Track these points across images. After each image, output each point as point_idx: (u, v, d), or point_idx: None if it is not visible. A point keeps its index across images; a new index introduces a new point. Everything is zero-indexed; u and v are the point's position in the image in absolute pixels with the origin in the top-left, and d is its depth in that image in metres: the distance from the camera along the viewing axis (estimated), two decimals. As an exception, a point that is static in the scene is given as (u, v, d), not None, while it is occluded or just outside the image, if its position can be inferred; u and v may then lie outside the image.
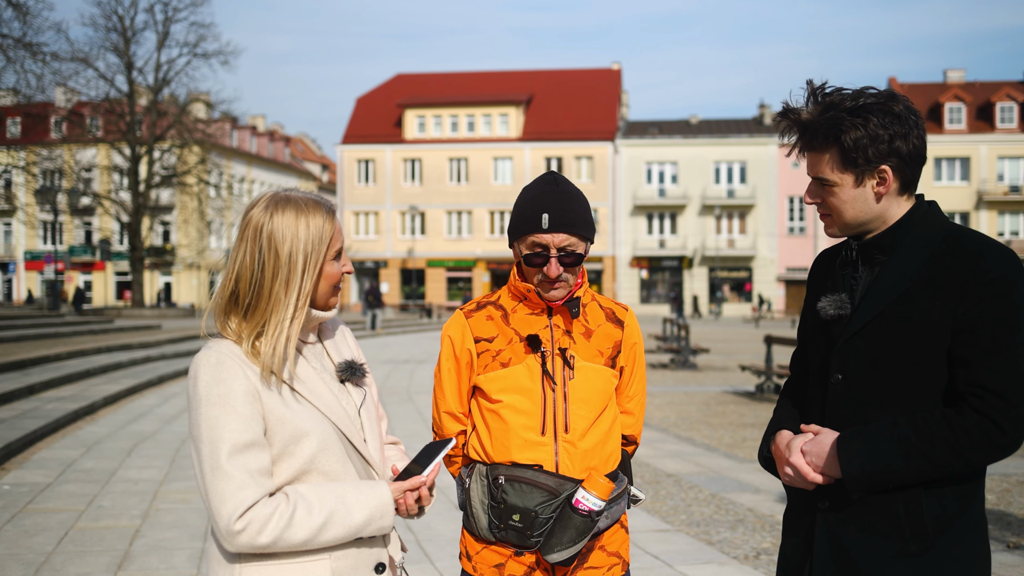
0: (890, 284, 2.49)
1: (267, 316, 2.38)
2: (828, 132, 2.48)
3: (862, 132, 2.44)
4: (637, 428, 3.16)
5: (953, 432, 2.35)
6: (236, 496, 2.24)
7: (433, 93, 73.86)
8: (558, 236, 2.86)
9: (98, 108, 53.38)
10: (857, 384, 2.51)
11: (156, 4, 51.64)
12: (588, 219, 2.93)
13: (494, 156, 70.39)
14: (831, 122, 2.47)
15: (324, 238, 2.42)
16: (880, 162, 2.46)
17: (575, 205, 2.91)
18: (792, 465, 2.54)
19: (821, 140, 2.51)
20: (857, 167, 2.48)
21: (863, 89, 2.52)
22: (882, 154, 2.45)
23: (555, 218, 2.86)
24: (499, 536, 2.89)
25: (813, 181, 2.58)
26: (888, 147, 2.45)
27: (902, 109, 2.47)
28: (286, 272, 2.37)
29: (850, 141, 2.45)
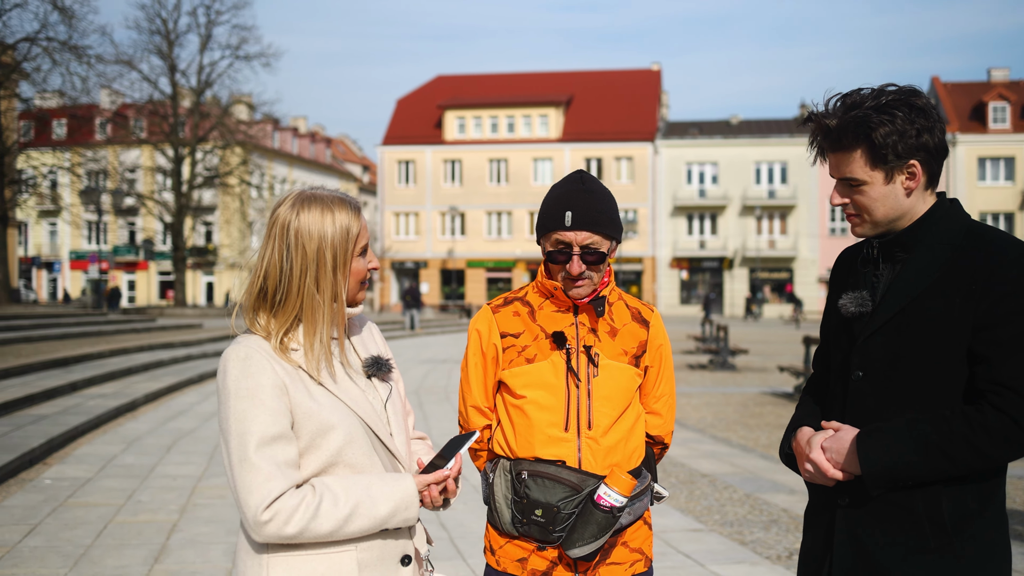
0: (911, 281, 2.49)
1: (297, 312, 2.43)
2: (857, 130, 2.47)
3: (890, 127, 2.43)
4: (666, 429, 3.16)
5: (973, 430, 2.34)
6: (263, 487, 2.29)
7: (473, 94, 74.00)
8: (581, 234, 2.87)
9: (142, 110, 54.04)
10: (878, 381, 2.51)
11: (199, 7, 52.45)
12: (613, 218, 2.94)
13: (534, 157, 70.39)
14: (858, 120, 2.46)
15: (351, 235, 2.46)
16: (909, 157, 2.46)
17: (599, 204, 2.92)
18: (812, 461, 2.55)
19: (850, 139, 2.49)
20: (887, 164, 2.47)
21: (883, 87, 2.52)
22: (911, 148, 2.45)
23: (578, 216, 2.87)
24: (522, 531, 2.91)
25: (840, 182, 2.58)
26: (916, 141, 2.45)
27: (925, 103, 2.47)
28: (315, 269, 2.41)
29: (880, 137, 2.44)
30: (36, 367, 16.79)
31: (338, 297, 2.48)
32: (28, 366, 16.55)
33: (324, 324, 2.45)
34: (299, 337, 2.44)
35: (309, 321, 2.43)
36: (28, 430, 11.35)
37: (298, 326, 2.45)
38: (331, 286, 2.44)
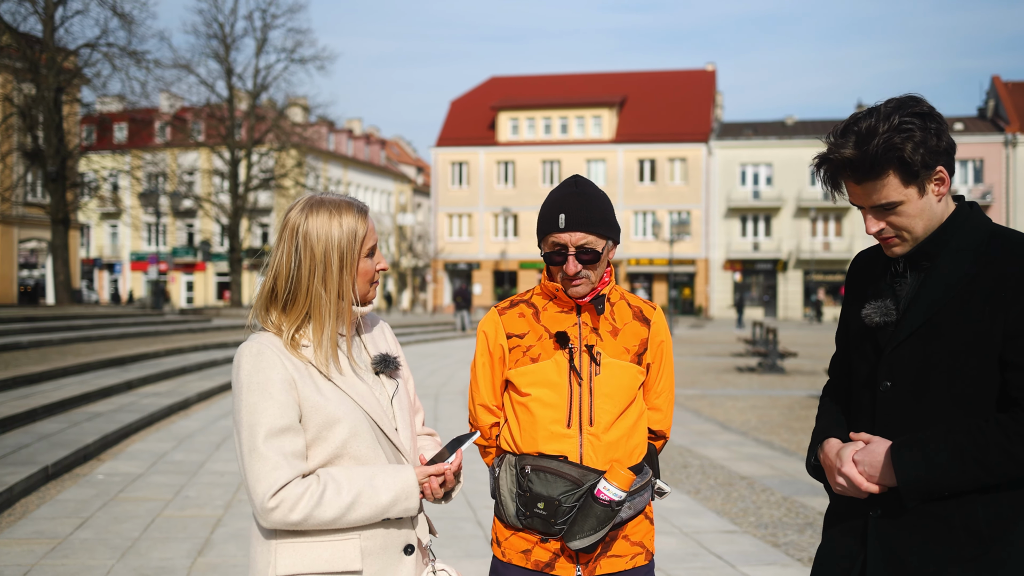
0: (937, 290, 2.49)
1: (307, 310, 2.59)
2: (887, 155, 2.44)
3: (916, 141, 2.43)
4: (666, 423, 3.30)
5: (1009, 438, 2.35)
6: (270, 476, 2.45)
7: (526, 95, 74.20)
8: (575, 235, 3.00)
9: (199, 113, 54.88)
10: (907, 392, 2.52)
11: (255, 11, 53.23)
12: (606, 219, 3.07)
13: (587, 158, 70.41)
14: (884, 146, 2.44)
15: (358, 237, 2.62)
16: (936, 164, 2.46)
17: (592, 205, 3.06)
18: (845, 475, 2.55)
19: (881, 165, 2.46)
20: (918, 178, 2.46)
21: (877, 107, 2.51)
22: (935, 155, 2.45)
23: (571, 217, 3.01)
24: (525, 523, 3.05)
25: (873, 210, 2.55)
26: (937, 146, 2.45)
27: (929, 107, 2.48)
28: (322, 269, 2.57)
29: (909, 154, 2.43)
30: (94, 366, 17.23)
31: (345, 296, 2.63)
32: (86, 365, 16.98)
33: (332, 322, 2.61)
34: (309, 334, 2.60)
35: (318, 319, 2.58)
36: (84, 427, 11.69)
37: (308, 323, 2.60)
38: (338, 286, 2.59)
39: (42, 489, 9.03)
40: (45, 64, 36.96)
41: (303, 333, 2.60)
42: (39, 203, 44.56)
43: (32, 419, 11.94)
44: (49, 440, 10.68)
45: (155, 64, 39.62)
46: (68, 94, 38.88)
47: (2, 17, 35.85)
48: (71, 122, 41.10)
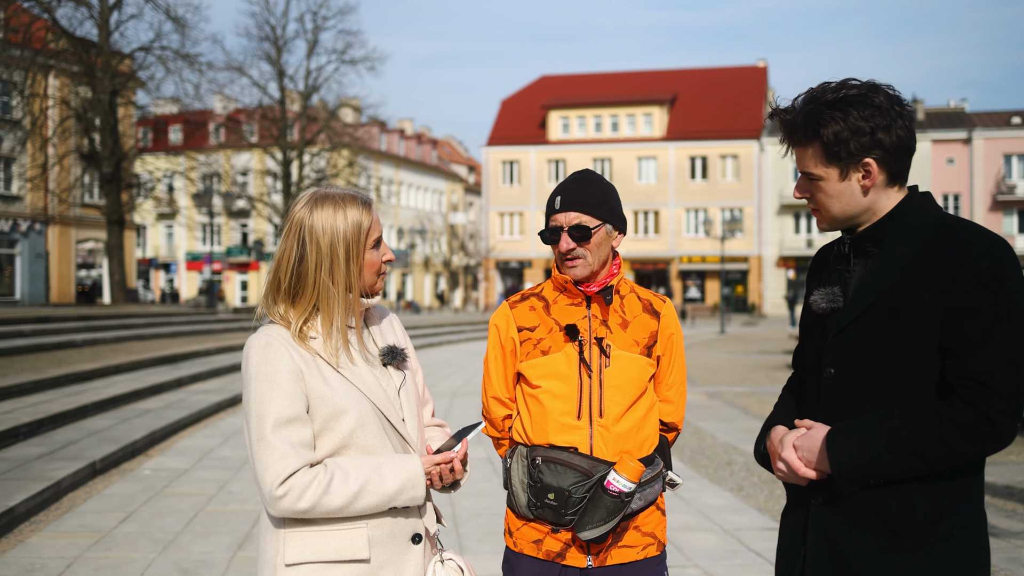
0: (881, 276, 2.45)
1: (315, 302, 2.61)
2: (807, 126, 2.47)
3: (842, 125, 2.42)
4: (678, 416, 3.29)
5: (943, 425, 2.29)
6: (278, 465, 2.47)
7: (577, 94, 74.09)
8: (570, 215, 3.08)
9: (252, 115, 55.46)
10: (849, 377, 2.48)
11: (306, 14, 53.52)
12: (603, 201, 3.11)
13: (638, 156, 70.17)
14: (810, 116, 2.46)
15: (362, 229, 2.64)
16: (863, 155, 2.44)
17: (589, 188, 3.12)
18: (784, 460, 2.52)
19: (801, 135, 2.50)
20: (840, 160, 2.46)
21: (845, 80, 2.50)
22: (865, 147, 2.42)
23: (566, 199, 3.09)
24: (536, 514, 3.06)
25: (801, 176, 2.57)
26: (871, 139, 2.42)
27: (883, 100, 2.43)
28: (328, 262, 2.60)
29: (830, 135, 2.43)
30: (146, 363, 17.50)
31: (352, 288, 2.65)
32: (138, 363, 17.25)
33: (339, 313, 2.63)
34: (317, 326, 2.63)
35: (325, 311, 2.61)
36: (133, 423, 11.88)
37: (316, 315, 2.63)
38: (344, 278, 2.61)
39: (89, 484, 9.18)
40: (100, 68, 37.58)
41: (311, 325, 2.63)
42: (95, 204, 45.35)
43: (83, 415, 12.16)
44: (98, 436, 10.87)
45: (208, 66, 40.18)
46: (123, 97, 39.52)
47: (58, 22, 36.52)
48: (126, 124, 41.78)
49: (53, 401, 12.45)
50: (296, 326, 2.61)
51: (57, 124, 39.71)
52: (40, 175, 40.40)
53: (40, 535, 7.30)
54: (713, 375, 21.93)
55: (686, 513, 8.09)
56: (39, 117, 37.48)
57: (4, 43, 36.48)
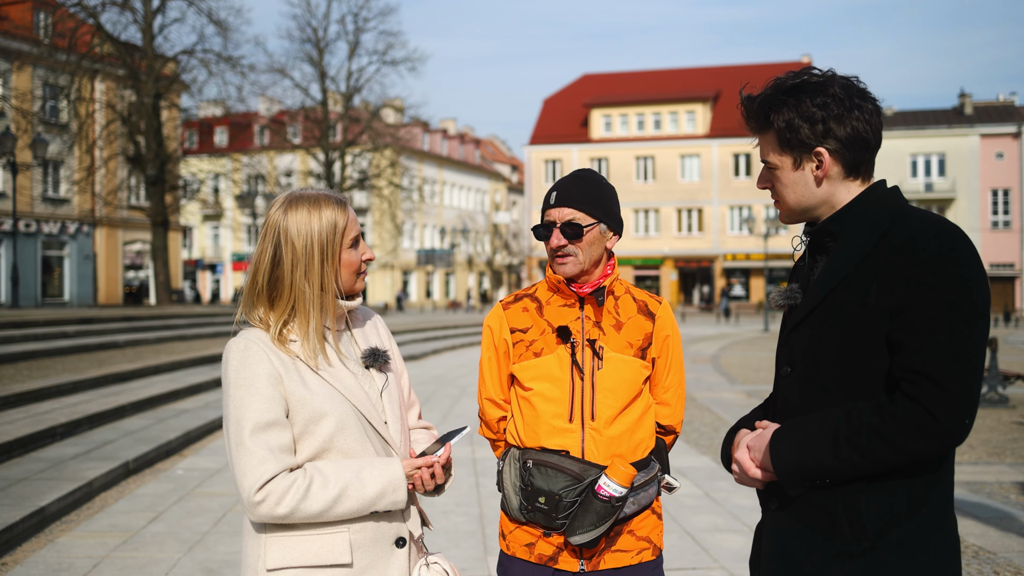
0: (833, 271, 2.36)
1: (292, 305, 2.60)
2: (759, 112, 2.43)
3: (793, 114, 2.36)
4: (676, 418, 3.24)
5: (884, 421, 2.17)
6: (256, 470, 2.46)
7: (619, 92, 73.84)
8: (564, 211, 3.04)
9: (295, 116, 55.88)
10: (803, 376, 2.39)
11: (347, 15, 53.78)
12: (598, 200, 3.06)
13: (681, 153, 69.83)
14: (764, 102, 2.42)
15: (337, 229, 2.62)
16: (815, 144, 2.37)
17: (586, 185, 3.08)
18: (736, 460, 2.45)
19: (755, 121, 2.46)
20: (792, 149, 2.40)
21: (807, 69, 2.45)
22: (817, 136, 2.36)
23: (560, 195, 3.06)
24: (528, 517, 3.02)
25: (764, 165, 2.52)
26: (823, 128, 2.35)
27: (838, 90, 2.36)
28: (304, 264, 2.57)
29: (781, 122, 2.38)
30: (185, 364, 17.65)
31: (328, 288, 2.63)
32: (178, 363, 17.41)
33: (317, 315, 2.62)
34: (296, 328, 2.61)
35: (303, 313, 2.59)
36: (169, 423, 11.98)
37: (295, 318, 2.61)
38: (320, 278, 2.59)
39: (122, 484, 9.27)
40: (144, 71, 38.03)
41: (290, 328, 2.61)
42: (141, 206, 45.90)
43: (120, 416, 12.29)
44: (134, 436, 10.97)
45: (249, 69, 40.53)
46: (166, 100, 39.96)
47: (103, 26, 37.00)
48: (170, 127, 42.24)
49: (91, 402, 12.60)
50: (276, 329, 2.60)
51: (103, 127, 40.24)
52: (86, 178, 40.97)
53: (70, 535, 7.37)
54: (754, 373, 21.75)
55: (715, 514, 8.01)
56: (85, 121, 38.01)
57: (51, 48, 37.04)
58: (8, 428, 10.23)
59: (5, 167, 31.16)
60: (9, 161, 29.74)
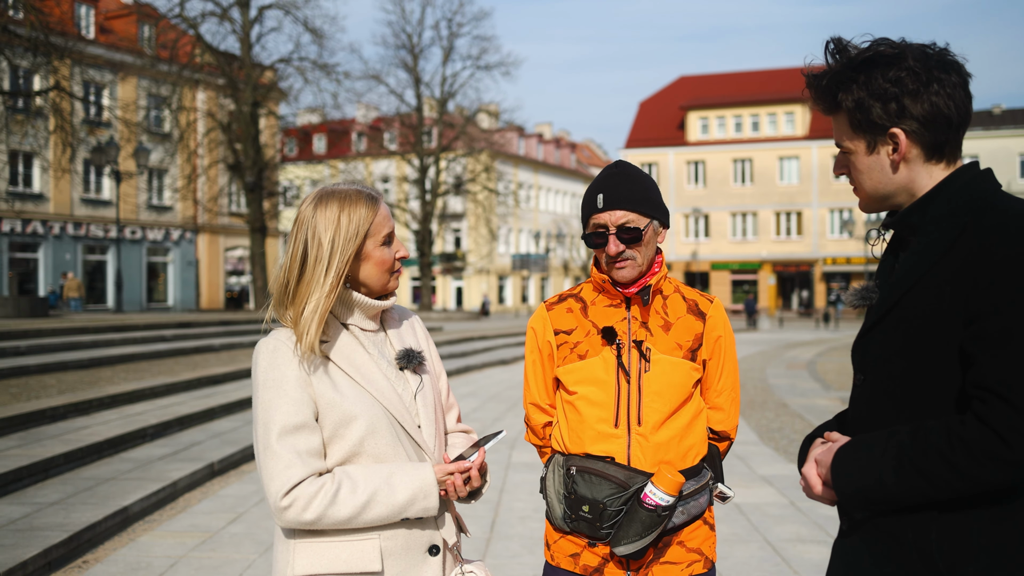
0: (909, 270, 2.11)
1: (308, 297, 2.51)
2: (827, 93, 2.20)
3: (863, 92, 2.12)
4: (729, 424, 3.08)
5: (951, 444, 1.92)
6: (283, 474, 2.39)
7: (716, 93, 73.02)
8: (615, 213, 2.87)
9: (391, 122, 56.51)
10: (875, 385, 2.17)
11: (441, 21, 54.05)
12: (647, 197, 2.91)
13: (779, 156, 68.75)
14: (831, 81, 2.18)
15: (369, 226, 2.54)
16: (889, 125, 2.12)
17: (632, 184, 2.91)
18: (803, 475, 2.23)
19: (824, 103, 2.23)
20: (865, 132, 2.15)
21: (880, 40, 2.18)
22: (890, 115, 2.10)
23: (609, 196, 2.88)
24: (572, 526, 2.90)
25: (840, 150, 2.27)
26: (897, 107, 2.09)
27: (913, 62, 2.09)
28: (327, 259, 2.49)
29: (850, 102, 2.15)
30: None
31: (360, 288, 2.57)
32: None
33: (348, 315, 2.55)
34: (327, 329, 2.53)
35: (317, 302, 2.49)
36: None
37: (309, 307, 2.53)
38: (338, 270, 2.50)
39: (206, 484, 9.39)
40: (242, 80, 38.82)
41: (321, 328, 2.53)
42: (240, 213, 46.87)
43: (210, 417, 12.48)
44: (221, 438, 11.12)
45: (344, 75, 41.09)
46: (264, 108, 40.73)
47: (203, 37, 37.88)
48: (268, 135, 43.04)
49: (183, 404, 12.81)
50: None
51: (203, 135, 41.20)
52: (187, 185, 41.98)
53: (151, 534, 7.47)
54: (851, 379, 21.16)
55: (800, 524, 7.76)
56: (186, 129, 38.97)
57: (153, 59, 38.03)
58: (100, 429, 10.45)
59: (110, 175, 32.08)
60: (113, 170, 30.60)
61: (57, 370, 14.83)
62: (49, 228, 42.31)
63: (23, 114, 28.73)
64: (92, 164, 40.11)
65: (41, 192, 42.14)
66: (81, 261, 43.78)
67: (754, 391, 18.26)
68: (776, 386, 19.18)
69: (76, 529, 6.87)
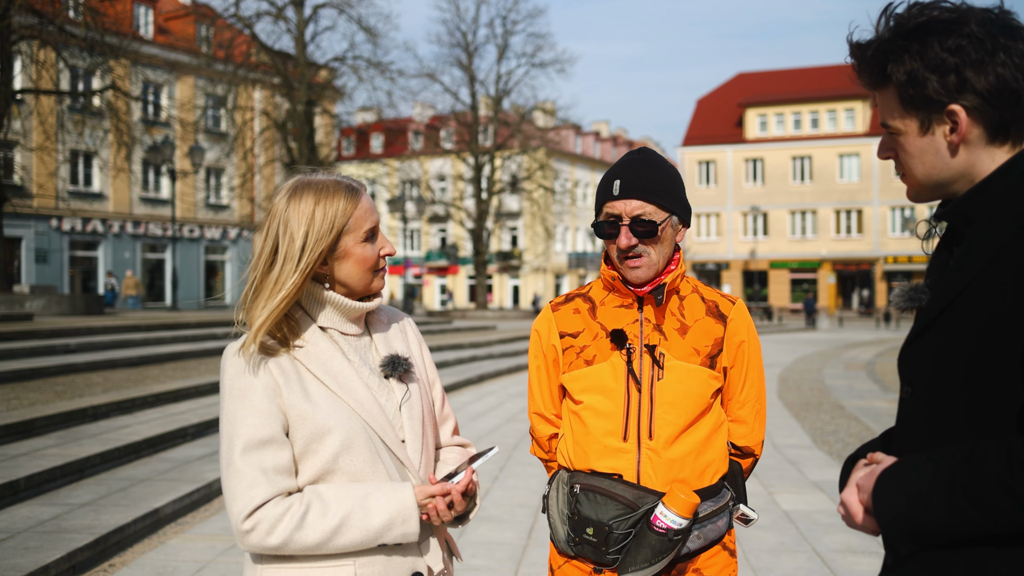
0: (964, 266, 1.80)
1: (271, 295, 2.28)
2: (874, 64, 1.88)
3: (917, 63, 1.81)
4: (753, 439, 2.78)
5: (1011, 468, 1.60)
6: (246, 494, 2.17)
7: (775, 90, 72.05)
8: (631, 203, 2.59)
9: (446, 121, 56.52)
10: (925, 400, 1.85)
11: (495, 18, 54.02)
12: (669, 189, 2.63)
13: (839, 153, 67.67)
14: (879, 50, 1.86)
15: (347, 220, 2.31)
16: (947, 101, 1.80)
17: (653, 173, 2.63)
18: (843, 502, 1.89)
19: (869, 75, 1.91)
20: (918, 109, 1.84)
21: (935, 3, 1.86)
22: (949, 90, 1.79)
23: (627, 183, 2.60)
24: (576, 550, 2.64)
25: (885, 131, 1.96)
26: (957, 80, 1.78)
27: (976, 28, 1.79)
28: (297, 256, 2.26)
29: (902, 75, 1.83)
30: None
31: (339, 288, 2.35)
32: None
33: (327, 318, 2.34)
34: (301, 332, 2.31)
35: (275, 296, 2.27)
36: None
37: (293, 317, 2.32)
38: (304, 268, 2.27)
39: (243, 486, 9.23)
40: (297, 79, 39.00)
41: (294, 331, 2.31)
42: (297, 212, 47.20)
43: (253, 417, 12.34)
44: (262, 438, 10.97)
45: (399, 74, 41.16)
46: (319, 106, 40.88)
47: (258, 36, 38.09)
48: (323, 133, 43.17)
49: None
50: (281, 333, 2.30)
51: (258, 134, 41.47)
52: (243, 184, 42.27)
53: (182, 536, 7.34)
54: (910, 381, 20.63)
55: (851, 533, 7.42)
56: (241, 128, 39.22)
57: (209, 58, 38.32)
58: (140, 428, 10.37)
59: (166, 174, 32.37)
60: (169, 169, 30.84)
61: (105, 368, 14.84)
62: (109, 227, 42.86)
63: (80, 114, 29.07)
64: (149, 163, 40.58)
65: (101, 191, 42.70)
66: (140, 259, 44.30)
67: (810, 392, 17.83)
68: (833, 387, 18.72)
69: (104, 531, 6.75)
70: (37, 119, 28.94)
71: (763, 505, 8.40)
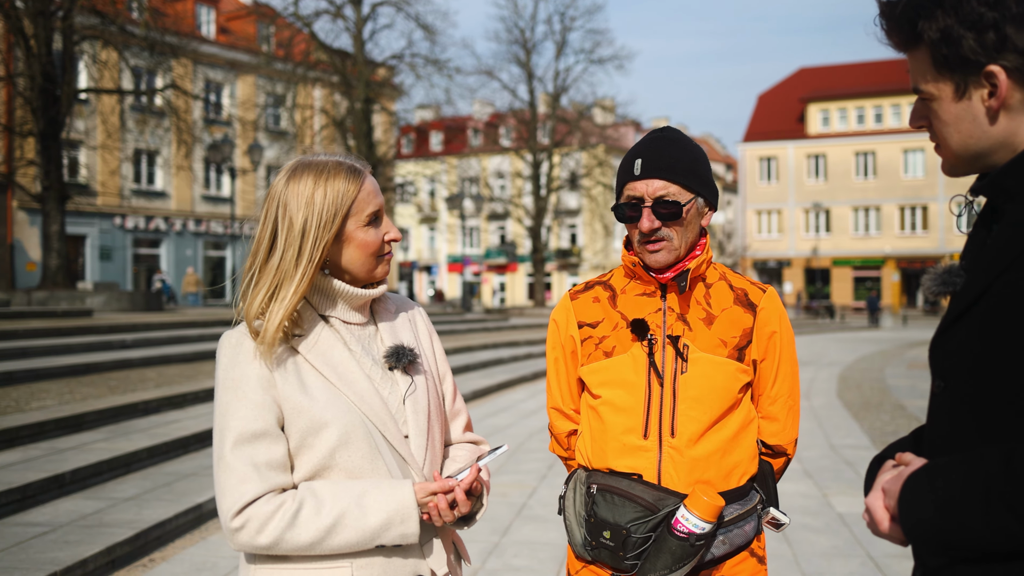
0: (1004, 245, 1.61)
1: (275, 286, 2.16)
2: (904, 21, 1.69)
3: (951, 19, 1.61)
4: (785, 437, 2.58)
5: None
6: (236, 490, 2.06)
7: (837, 85, 71.00)
8: (653, 183, 2.42)
9: (505, 118, 56.51)
10: (958, 394, 1.65)
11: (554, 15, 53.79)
12: (693, 169, 2.46)
13: (904, 148, 66.50)
14: (909, 6, 1.67)
15: (348, 203, 2.17)
16: (986, 61, 1.60)
17: (677, 151, 2.46)
18: (868, 507, 1.68)
19: (899, 34, 1.72)
20: (953, 71, 1.64)
21: None
22: (987, 49, 1.59)
23: (648, 163, 2.44)
24: (593, 555, 2.47)
25: (917, 97, 1.76)
26: (996, 37, 1.58)
27: None
28: (298, 243, 2.14)
29: (935, 33, 1.63)
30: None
31: (343, 275, 2.23)
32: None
33: (328, 306, 2.22)
34: (301, 321, 2.19)
35: (286, 293, 2.14)
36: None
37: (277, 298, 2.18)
38: (312, 258, 2.14)
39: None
40: (355, 77, 39.19)
41: (293, 320, 2.18)
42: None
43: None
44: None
45: (456, 71, 41.13)
46: (377, 104, 41.04)
47: (316, 35, 38.33)
48: (382, 131, 43.32)
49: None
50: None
51: (316, 133, 41.74)
52: (304, 182, 42.60)
53: (222, 533, 7.28)
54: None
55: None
56: (301, 126, 39.50)
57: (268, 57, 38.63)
58: (189, 423, 10.39)
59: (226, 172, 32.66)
60: (229, 167, 31.11)
61: (160, 363, 14.94)
62: (171, 225, 43.40)
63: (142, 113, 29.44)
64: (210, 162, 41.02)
65: (163, 190, 43.25)
66: (202, 257, 44.80)
67: (870, 392, 17.46)
68: (894, 387, 18.31)
69: (145, 526, 6.72)
70: (100, 118, 29.42)
71: (817, 507, 8.18)
